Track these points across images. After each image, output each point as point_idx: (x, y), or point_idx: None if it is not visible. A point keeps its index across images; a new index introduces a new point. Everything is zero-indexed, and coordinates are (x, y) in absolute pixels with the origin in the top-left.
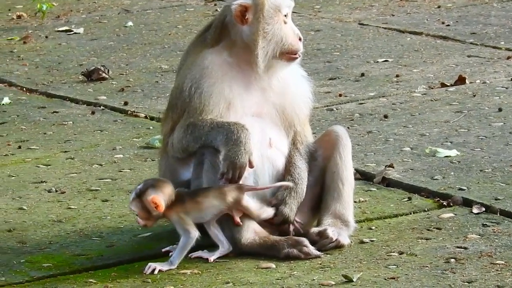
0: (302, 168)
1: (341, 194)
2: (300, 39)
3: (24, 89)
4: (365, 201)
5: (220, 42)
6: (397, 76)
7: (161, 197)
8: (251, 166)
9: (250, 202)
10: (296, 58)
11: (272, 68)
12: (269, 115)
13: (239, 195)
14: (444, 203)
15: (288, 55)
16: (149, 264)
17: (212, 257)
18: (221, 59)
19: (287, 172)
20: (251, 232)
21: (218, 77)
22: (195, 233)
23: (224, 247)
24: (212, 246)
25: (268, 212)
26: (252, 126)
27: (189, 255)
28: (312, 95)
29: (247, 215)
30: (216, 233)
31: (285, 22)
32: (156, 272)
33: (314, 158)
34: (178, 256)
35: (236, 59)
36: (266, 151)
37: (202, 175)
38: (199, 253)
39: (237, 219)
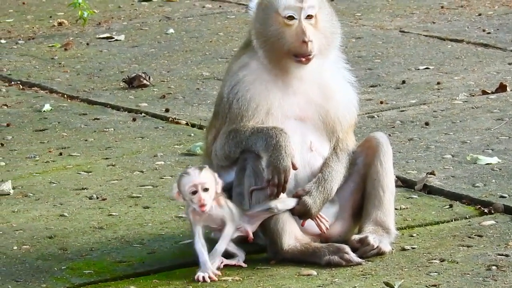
0: (335, 169)
1: (382, 201)
2: (304, 42)
3: (65, 96)
4: (407, 208)
5: (251, 45)
6: (438, 83)
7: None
8: (294, 168)
9: None
10: (301, 60)
11: (289, 69)
12: (311, 120)
13: None
14: (485, 211)
15: (294, 57)
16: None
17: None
18: (256, 62)
19: (320, 170)
20: (293, 239)
21: (254, 80)
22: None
23: (240, 255)
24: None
25: (287, 203)
26: (293, 129)
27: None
28: (358, 104)
29: (288, 221)
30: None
31: (287, 24)
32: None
33: (354, 164)
34: (223, 245)
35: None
36: (306, 155)
37: (244, 181)
38: (228, 261)
39: (251, 235)
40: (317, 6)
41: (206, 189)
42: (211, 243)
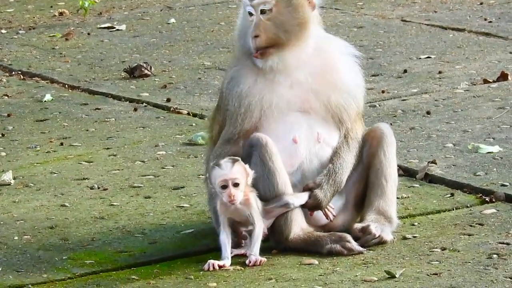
0: (345, 160)
1: (384, 191)
2: (253, 38)
3: (66, 86)
4: (408, 197)
5: None
6: (439, 72)
7: None
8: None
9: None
10: (256, 56)
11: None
12: (315, 110)
13: None
14: (487, 199)
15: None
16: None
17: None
18: (246, 56)
19: (330, 161)
20: (298, 228)
21: (246, 74)
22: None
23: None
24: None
25: (302, 198)
26: (298, 122)
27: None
28: (364, 91)
29: (294, 211)
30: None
31: (249, 21)
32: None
33: (360, 154)
34: (257, 246)
35: None
36: (314, 146)
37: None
38: (237, 251)
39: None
40: (272, 1)
41: (236, 184)
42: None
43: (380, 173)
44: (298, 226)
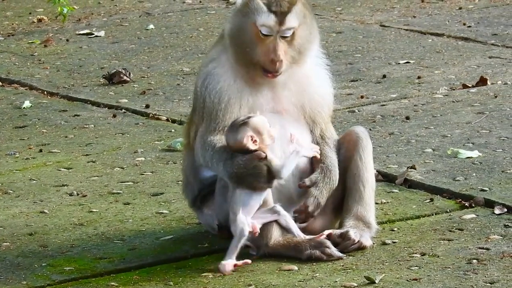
0: (333, 158)
1: (362, 196)
2: (274, 61)
3: (45, 92)
4: (387, 202)
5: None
6: (418, 77)
7: None
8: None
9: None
10: (268, 76)
11: (255, 78)
12: (289, 112)
13: None
14: (466, 204)
15: (262, 70)
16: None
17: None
18: (226, 55)
19: (318, 162)
20: (278, 233)
21: (224, 73)
22: None
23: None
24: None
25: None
26: (272, 122)
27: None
28: (333, 95)
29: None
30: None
31: (261, 38)
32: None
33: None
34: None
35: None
36: (288, 147)
37: None
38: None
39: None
40: (296, 25)
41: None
42: (198, 236)
43: (357, 177)
44: (278, 232)
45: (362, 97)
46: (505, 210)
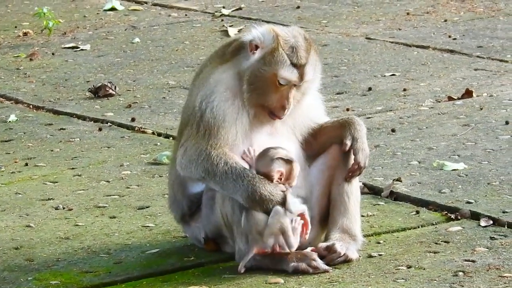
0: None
1: (347, 208)
2: (283, 107)
3: (31, 106)
4: (373, 215)
5: (233, 58)
6: (404, 90)
7: None
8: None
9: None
10: (274, 118)
11: (259, 116)
12: (282, 133)
13: None
14: (452, 217)
15: (269, 111)
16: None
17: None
18: (231, 75)
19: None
20: None
21: (228, 92)
22: None
23: None
24: (223, 261)
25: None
26: (264, 143)
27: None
28: (325, 113)
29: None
30: None
31: (277, 87)
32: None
33: (320, 164)
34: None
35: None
36: None
37: None
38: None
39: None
40: (313, 77)
41: None
42: (179, 251)
43: (342, 189)
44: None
45: (348, 109)
46: (491, 222)
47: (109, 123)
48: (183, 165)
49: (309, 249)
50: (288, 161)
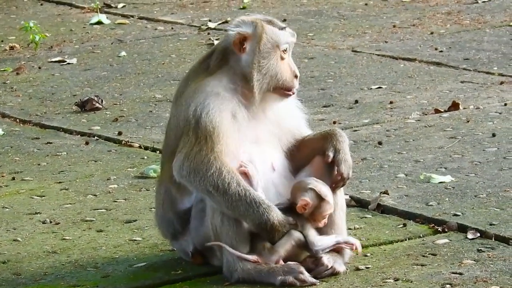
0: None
1: (334, 220)
2: (296, 77)
3: (18, 120)
4: (360, 228)
5: (221, 69)
6: (391, 102)
7: None
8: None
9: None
10: (290, 94)
11: (266, 101)
12: (269, 142)
13: None
14: (439, 229)
15: (282, 90)
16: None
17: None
18: (222, 86)
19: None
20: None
21: (221, 101)
22: None
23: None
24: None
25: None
26: (253, 152)
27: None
28: (307, 124)
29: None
30: None
31: (282, 58)
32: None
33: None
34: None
35: (236, 86)
36: (270, 175)
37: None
38: None
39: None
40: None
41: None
42: (167, 264)
43: None
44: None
45: (334, 122)
46: (478, 234)
47: (96, 137)
48: (183, 173)
49: (296, 262)
50: (320, 197)
